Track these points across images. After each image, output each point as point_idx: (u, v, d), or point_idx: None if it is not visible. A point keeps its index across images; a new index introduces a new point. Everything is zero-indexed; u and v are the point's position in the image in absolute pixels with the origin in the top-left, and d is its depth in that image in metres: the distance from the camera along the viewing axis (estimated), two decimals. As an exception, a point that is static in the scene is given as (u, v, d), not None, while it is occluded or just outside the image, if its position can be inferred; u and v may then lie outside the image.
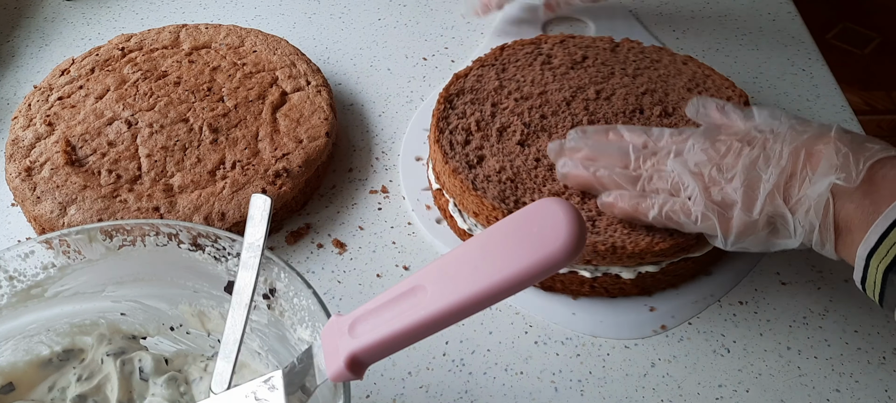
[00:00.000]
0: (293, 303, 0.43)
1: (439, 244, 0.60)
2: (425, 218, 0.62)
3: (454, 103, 0.63)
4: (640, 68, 0.67)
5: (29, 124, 0.64)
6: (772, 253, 0.58)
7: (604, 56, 0.68)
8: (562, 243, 0.30)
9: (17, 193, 0.60)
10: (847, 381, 0.52)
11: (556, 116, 0.62)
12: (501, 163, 0.58)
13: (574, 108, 0.63)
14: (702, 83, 0.65)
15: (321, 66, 0.75)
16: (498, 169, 0.58)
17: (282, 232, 0.62)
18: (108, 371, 0.46)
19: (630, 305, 0.56)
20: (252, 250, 0.42)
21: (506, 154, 0.59)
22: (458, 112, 0.62)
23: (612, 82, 0.65)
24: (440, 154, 0.59)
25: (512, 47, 0.69)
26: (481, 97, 0.64)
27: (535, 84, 0.65)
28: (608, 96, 0.64)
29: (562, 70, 0.66)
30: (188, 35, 0.72)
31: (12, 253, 0.44)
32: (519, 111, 0.62)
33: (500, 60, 0.67)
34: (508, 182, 0.57)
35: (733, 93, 0.64)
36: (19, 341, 0.46)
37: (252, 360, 0.47)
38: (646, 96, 0.64)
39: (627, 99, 0.63)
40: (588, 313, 0.56)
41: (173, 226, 0.45)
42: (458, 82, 0.65)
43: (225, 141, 0.62)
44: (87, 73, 0.68)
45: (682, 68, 0.66)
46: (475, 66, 0.67)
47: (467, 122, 0.62)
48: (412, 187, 0.64)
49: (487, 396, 0.52)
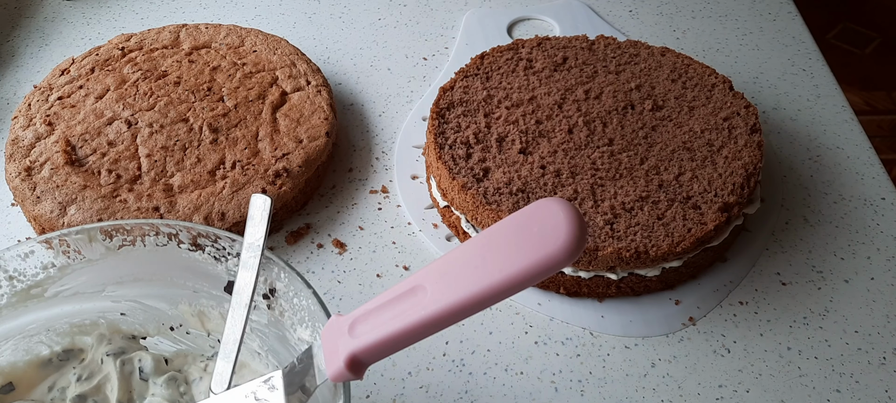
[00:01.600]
0: (293, 303, 0.43)
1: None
2: (434, 237, 0.61)
3: (447, 117, 0.62)
4: (621, 64, 0.67)
5: (29, 124, 0.64)
6: (772, 254, 0.59)
7: (583, 55, 0.68)
8: (562, 243, 0.30)
9: (17, 193, 0.60)
10: (847, 381, 0.52)
11: (550, 120, 0.62)
12: (508, 174, 0.58)
13: (567, 110, 0.62)
14: (684, 72, 0.65)
15: (321, 65, 0.75)
16: (506, 180, 0.57)
17: (282, 232, 0.62)
18: (107, 371, 0.46)
19: (656, 302, 0.57)
20: (252, 250, 0.42)
21: (510, 164, 0.58)
22: (453, 126, 0.61)
23: (598, 81, 0.65)
24: (445, 170, 0.58)
25: (491, 55, 0.68)
26: (472, 108, 0.63)
27: (522, 90, 0.64)
28: (597, 95, 0.64)
29: (545, 73, 0.66)
30: (188, 35, 0.72)
31: (12, 253, 0.44)
32: (513, 119, 0.62)
33: (482, 69, 0.66)
34: (519, 193, 0.56)
35: (716, 79, 0.64)
36: (19, 341, 0.46)
37: (252, 360, 0.47)
38: (634, 92, 0.64)
39: (616, 96, 0.63)
40: (617, 314, 0.56)
41: (173, 226, 0.45)
42: (446, 95, 0.64)
43: (225, 141, 0.62)
44: (87, 73, 0.68)
45: (662, 60, 0.67)
46: (459, 78, 0.65)
47: (465, 135, 0.61)
48: (415, 207, 0.63)
49: (487, 396, 0.52)
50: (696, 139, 0.60)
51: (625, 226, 0.54)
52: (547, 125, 0.61)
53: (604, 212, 0.55)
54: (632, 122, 0.61)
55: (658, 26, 0.81)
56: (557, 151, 0.59)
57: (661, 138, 0.60)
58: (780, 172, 0.65)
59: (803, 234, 0.61)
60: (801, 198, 0.64)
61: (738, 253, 0.59)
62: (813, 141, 0.68)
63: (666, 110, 0.62)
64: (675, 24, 0.81)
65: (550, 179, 0.57)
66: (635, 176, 0.57)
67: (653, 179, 0.57)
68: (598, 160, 0.58)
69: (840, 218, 0.62)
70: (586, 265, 0.54)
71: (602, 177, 0.57)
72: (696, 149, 0.59)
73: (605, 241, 0.53)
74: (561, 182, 0.57)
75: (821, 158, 0.67)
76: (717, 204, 0.55)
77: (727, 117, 0.61)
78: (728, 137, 0.60)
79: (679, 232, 0.54)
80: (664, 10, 0.83)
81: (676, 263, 0.55)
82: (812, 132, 0.69)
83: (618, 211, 0.55)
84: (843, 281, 0.58)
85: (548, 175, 0.58)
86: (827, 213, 0.62)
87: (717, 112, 0.62)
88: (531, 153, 0.59)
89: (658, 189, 0.57)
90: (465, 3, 0.84)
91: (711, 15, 0.82)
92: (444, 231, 0.61)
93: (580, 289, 0.56)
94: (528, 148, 0.60)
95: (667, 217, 0.55)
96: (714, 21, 0.82)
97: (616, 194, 0.56)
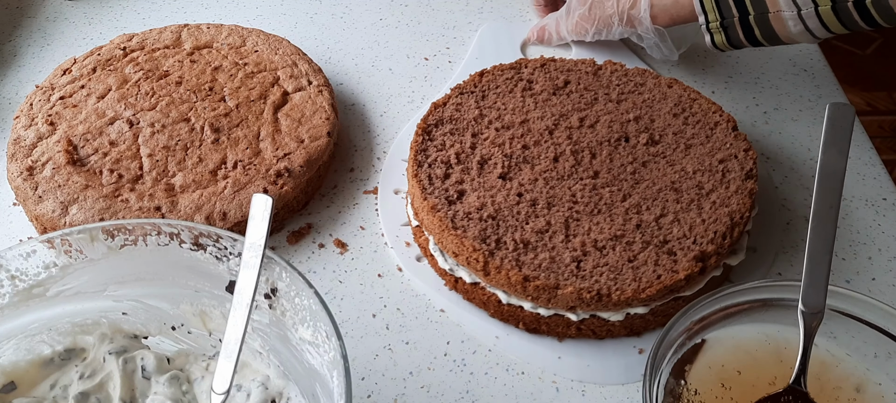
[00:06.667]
0: (295, 303, 0.43)
1: (419, 283, 0.58)
2: (404, 256, 0.59)
3: (433, 134, 0.60)
4: (625, 93, 0.64)
5: (31, 124, 0.64)
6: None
7: (586, 80, 0.65)
8: None
9: (19, 193, 0.60)
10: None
11: (538, 147, 0.59)
12: (482, 198, 0.55)
13: (557, 138, 0.60)
14: (688, 108, 0.62)
15: (323, 65, 0.75)
16: (479, 205, 0.55)
17: (283, 232, 0.62)
18: (110, 369, 0.46)
19: (618, 347, 0.54)
20: (253, 250, 0.42)
21: (487, 188, 0.56)
22: (437, 143, 0.60)
23: (596, 109, 0.62)
24: (418, 189, 0.56)
25: (491, 73, 0.66)
26: (461, 127, 0.61)
27: (516, 112, 0.62)
28: (592, 124, 0.61)
29: (543, 96, 0.63)
30: (190, 35, 0.72)
31: (14, 253, 0.44)
32: (500, 142, 0.59)
33: (479, 87, 0.64)
34: (489, 219, 0.54)
35: (721, 117, 0.61)
36: (21, 340, 0.46)
37: (253, 360, 0.47)
38: (631, 123, 0.61)
39: (612, 126, 0.61)
40: (574, 356, 0.53)
41: (175, 226, 0.45)
42: (437, 112, 0.62)
43: (226, 140, 0.63)
44: (89, 73, 0.68)
45: (668, 92, 0.64)
46: (454, 94, 0.64)
47: (447, 154, 0.59)
48: (391, 221, 0.62)
49: (488, 396, 0.52)
50: (686, 180, 0.57)
51: (592, 266, 0.52)
52: (533, 151, 0.59)
53: (573, 249, 0.53)
54: (622, 156, 0.59)
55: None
56: (538, 179, 0.57)
57: (650, 175, 0.57)
58: (782, 173, 0.65)
59: (804, 235, 0.61)
60: (802, 198, 0.64)
61: None
62: (814, 141, 0.68)
63: (661, 146, 0.60)
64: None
65: (525, 208, 0.55)
66: (614, 213, 0.55)
67: (632, 218, 0.54)
68: (578, 192, 0.56)
69: (841, 219, 0.62)
70: (546, 302, 0.52)
71: (579, 211, 0.55)
72: (685, 190, 0.56)
73: (568, 279, 0.51)
74: (535, 212, 0.55)
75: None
76: (693, 252, 0.52)
77: (723, 159, 0.58)
78: (720, 181, 0.56)
79: (647, 277, 0.51)
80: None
81: (642, 310, 0.52)
82: (813, 132, 0.69)
83: (588, 249, 0.53)
84: (844, 281, 0.58)
85: (523, 203, 0.55)
86: (828, 214, 0.62)
87: (715, 153, 0.59)
88: (511, 179, 0.57)
89: (635, 229, 0.54)
90: (465, 4, 0.84)
91: (713, 15, 0.82)
92: (416, 250, 0.60)
93: (539, 326, 0.54)
94: (509, 173, 0.57)
95: (638, 260, 0.52)
96: (715, 21, 0.81)
97: (590, 230, 0.54)
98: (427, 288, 0.57)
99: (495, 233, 0.53)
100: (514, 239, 0.53)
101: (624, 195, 0.56)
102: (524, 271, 0.51)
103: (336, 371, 0.39)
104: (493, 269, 0.52)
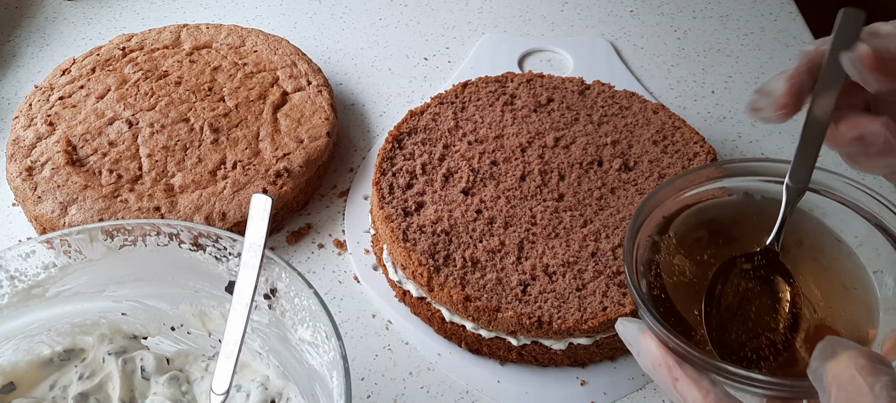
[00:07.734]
0: (294, 303, 0.43)
1: (371, 292, 0.57)
2: (361, 263, 0.59)
3: (403, 143, 0.60)
4: (607, 115, 0.62)
5: (30, 124, 0.64)
6: None
7: (570, 99, 0.64)
8: None
9: (18, 193, 0.60)
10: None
11: (507, 163, 0.58)
12: (440, 212, 0.54)
13: (528, 156, 0.58)
14: (670, 136, 0.61)
15: (322, 65, 0.75)
16: (434, 219, 0.54)
17: (283, 232, 0.62)
18: (109, 370, 0.46)
19: (560, 377, 0.52)
20: (253, 250, 0.42)
21: (447, 202, 0.55)
22: (406, 152, 0.59)
23: (574, 129, 0.61)
24: (377, 197, 0.56)
25: (475, 84, 0.65)
26: (434, 137, 0.60)
27: (492, 126, 0.61)
28: (567, 144, 0.60)
29: (523, 112, 0.62)
30: (189, 35, 0.72)
31: (13, 253, 0.44)
32: (469, 155, 0.58)
33: (460, 98, 0.64)
34: (443, 234, 0.53)
35: (702, 149, 0.59)
36: (20, 341, 0.46)
37: (253, 360, 0.47)
38: (607, 147, 0.59)
39: (587, 149, 0.59)
40: (514, 382, 0.52)
41: (174, 226, 0.45)
42: (412, 120, 0.61)
43: (226, 141, 0.62)
44: (88, 73, 0.68)
45: (652, 117, 0.62)
46: (433, 104, 0.63)
47: (413, 165, 0.58)
48: (355, 227, 0.61)
49: (489, 396, 0.52)
50: None
51: (538, 291, 0.51)
52: (502, 167, 0.58)
53: (522, 272, 0.51)
54: (592, 180, 0.57)
55: (659, 26, 0.81)
56: (501, 197, 0.56)
57: (617, 202, 0.56)
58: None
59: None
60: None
61: None
62: (814, 141, 0.68)
63: (635, 173, 0.58)
64: (676, 24, 0.81)
65: (481, 226, 0.54)
66: (571, 238, 0.53)
67: (588, 245, 0.53)
68: (539, 214, 0.55)
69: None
70: (486, 324, 0.51)
71: (536, 234, 0.54)
72: None
73: (510, 303, 0.50)
74: (491, 231, 0.54)
75: (822, 158, 0.66)
76: None
77: None
78: None
79: (592, 308, 0.50)
80: (665, 11, 0.83)
81: (585, 341, 0.51)
82: (813, 132, 0.69)
83: (537, 274, 0.51)
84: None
85: (480, 221, 0.54)
86: (828, 213, 0.62)
87: None
88: (473, 194, 0.56)
89: (590, 257, 0.52)
90: (465, 4, 0.84)
91: (712, 15, 0.82)
92: (373, 259, 0.59)
93: (481, 348, 0.53)
94: (472, 188, 0.56)
95: (586, 289, 0.51)
96: (715, 21, 0.82)
97: (543, 254, 0.52)
98: (377, 297, 0.57)
99: (446, 249, 0.53)
100: (463, 256, 0.52)
101: (585, 221, 0.55)
102: (467, 290, 0.50)
103: (336, 371, 0.39)
104: (437, 286, 0.51)
